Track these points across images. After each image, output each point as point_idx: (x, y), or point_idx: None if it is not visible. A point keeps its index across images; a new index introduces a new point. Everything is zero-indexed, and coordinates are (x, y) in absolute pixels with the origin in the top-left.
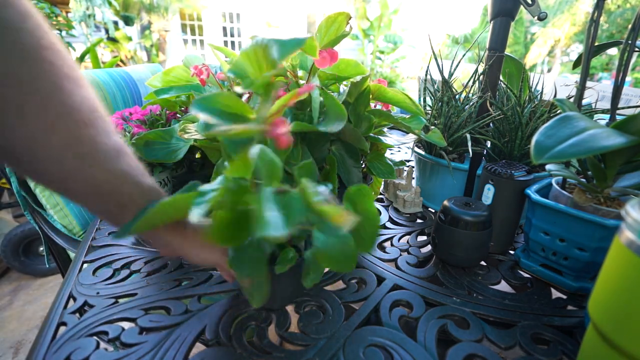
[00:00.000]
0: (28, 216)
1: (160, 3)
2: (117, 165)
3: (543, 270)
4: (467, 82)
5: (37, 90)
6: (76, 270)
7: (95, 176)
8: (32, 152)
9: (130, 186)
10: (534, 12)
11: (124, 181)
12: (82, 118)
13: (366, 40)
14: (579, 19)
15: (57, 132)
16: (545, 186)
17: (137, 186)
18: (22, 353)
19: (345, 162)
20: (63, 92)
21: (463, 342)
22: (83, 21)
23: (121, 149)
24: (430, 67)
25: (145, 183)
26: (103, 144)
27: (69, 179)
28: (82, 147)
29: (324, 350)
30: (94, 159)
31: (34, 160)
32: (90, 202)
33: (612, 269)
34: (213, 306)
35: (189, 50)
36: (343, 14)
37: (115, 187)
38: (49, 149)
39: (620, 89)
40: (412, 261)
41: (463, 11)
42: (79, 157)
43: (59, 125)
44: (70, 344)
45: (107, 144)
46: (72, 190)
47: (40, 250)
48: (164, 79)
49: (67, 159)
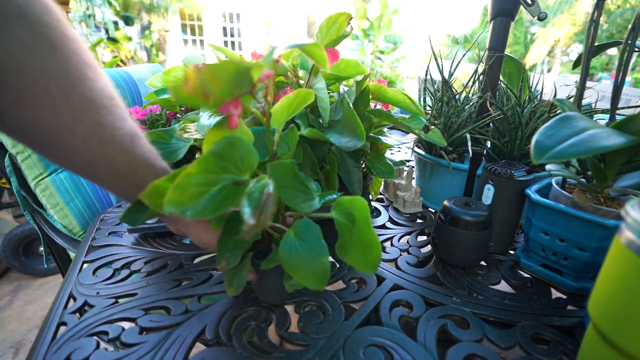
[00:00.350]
0: (28, 216)
1: (160, 3)
2: (133, 148)
3: (543, 270)
4: (467, 82)
5: (67, 80)
6: (76, 270)
7: (114, 159)
8: (61, 139)
9: (145, 168)
10: (533, 12)
11: (140, 164)
12: (104, 105)
13: (366, 40)
14: (579, 19)
15: (83, 119)
16: (545, 186)
17: (151, 168)
18: (22, 353)
19: (345, 161)
20: (87, 80)
21: (463, 342)
22: (83, 21)
23: (136, 134)
24: (430, 67)
25: (158, 165)
26: (120, 129)
27: (94, 163)
28: (104, 132)
29: (324, 350)
30: (114, 143)
31: (62, 147)
32: (113, 185)
33: (612, 269)
34: (213, 306)
35: (189, 50)
36: (344, 15)
37: (132, 169)
38: (75, 136)
39: (620, 89)
40: (412, 261)
41: (463, 11)
42: (101, 143)
43: (84, 112)
44: (70, 344)
45: (124, 128)
46: (97, 175)
47: (40, 250)
48: (164, 79)
49: (92, 145)
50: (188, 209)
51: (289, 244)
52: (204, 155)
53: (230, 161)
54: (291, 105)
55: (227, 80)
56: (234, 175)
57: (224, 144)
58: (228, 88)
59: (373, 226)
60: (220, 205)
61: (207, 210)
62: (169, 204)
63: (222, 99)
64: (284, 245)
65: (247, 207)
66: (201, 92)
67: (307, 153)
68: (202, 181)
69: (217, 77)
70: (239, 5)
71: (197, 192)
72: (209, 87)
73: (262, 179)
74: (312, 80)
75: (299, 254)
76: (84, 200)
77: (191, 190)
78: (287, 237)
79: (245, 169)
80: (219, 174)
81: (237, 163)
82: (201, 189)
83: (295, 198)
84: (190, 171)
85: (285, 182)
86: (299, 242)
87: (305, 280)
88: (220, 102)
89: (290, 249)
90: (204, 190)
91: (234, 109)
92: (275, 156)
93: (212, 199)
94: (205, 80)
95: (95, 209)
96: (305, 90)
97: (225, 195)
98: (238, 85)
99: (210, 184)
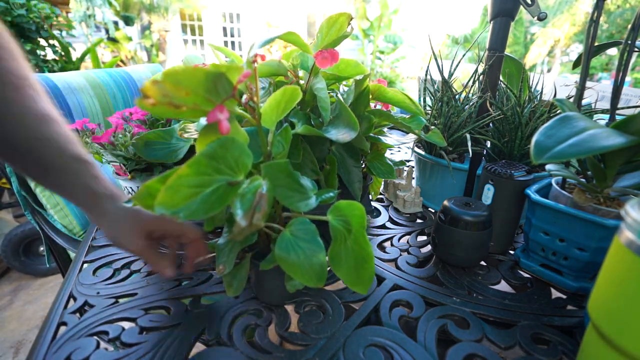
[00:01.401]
0: (28, 216)
1: (161, 3)
2: (39, 127)
3: (543, 270)
4: (467, 82)
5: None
6: (76, 270)
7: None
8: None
9: (52, 150)
10: (533, 12)
11: (45, 144)
12: (11, 82)
13: (366, 40)
14: (579, 19)
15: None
16: (545, 186)
17: (59, 150)
18: (22, 353)
19: (345, 161)
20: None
21: (463, 342)
22: (83, 21)
23: (48, 115)
24: (430, 67)
25: (70, 150)
26: (28, 108)
27: (7, 138)
28: (4, 106)
29: (324, 350)
30: (16, 119)
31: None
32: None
33: (612, 269)
34: (213, 306)
35: (189, 51)
36: (344, 15)
37: (35, 147)
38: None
39: (620, 89)
40: (412, 261)
41: (463, 11)
42: (9, 119)
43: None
44: (70, 344)
45: (33, 107)
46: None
47: (41, 250)
48: None
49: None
50: (180, 210)
51: (285, 243)
52: (195, 157)
53: (223, 162)
54: (279, 104)
55: (197, 88)
56: (228, 176)
57: (216, 145)
58: (201, 95)
59: (373, 226)
60: (214, 206)
61: (200, 211)
62: (160, 205)
63: (198, 107)
64: (280, 245)
65: (239, 208)
66: (167, 103)
67: (307, 153)
68: (195, 182)
69: (183, 87)
70: (239, 5)
71: (189, 193)
72: (175, 98)
73: (256, 180)
74: (312, 80)
75: (295, 253)
76: None
77: (183, 191)
78: (283, 237)
79: (240, 170)
80: (212, 175)
81: (231, 164)
82: (194, 190)
83: (291, 198)
84: (181, 173)
85: (280, 182)
86: (295, 241)
87: (302, 278)
88: (197, 110)
89: (287, 248)
90: (196, 191)
91: (220, 114)
92: (270, 156)
93: (205, 200)
94: (169, 91)
95: None
96: (291, 87)
97: (219, 196)
98: (213, 91)
99: (203, 185)
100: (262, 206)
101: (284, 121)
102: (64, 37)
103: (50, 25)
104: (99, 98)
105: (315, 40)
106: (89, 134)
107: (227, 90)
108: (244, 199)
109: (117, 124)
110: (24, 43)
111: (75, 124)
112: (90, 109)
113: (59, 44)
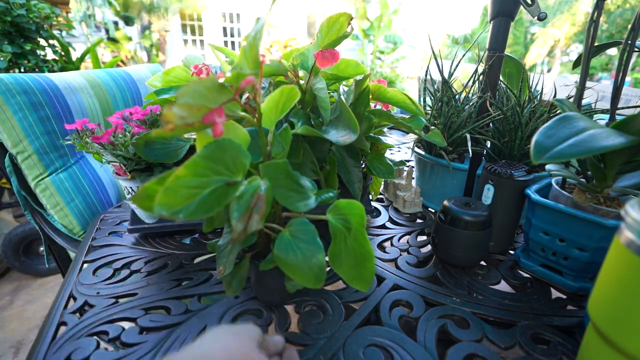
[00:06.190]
0: (28, 216)
1: (161, 3)
2: None
3: (543, 270)
4: (467, 82)
5: None
6: (76, 270)
7: None
8: None
9: None
10: (533, 12)
11: None
12: None
13: (366, 41)
14: (579, 19)
15: None
16: (545, 186)
17: None
18: (22, 353)
19: (345, 161)
20: None
21: (463, 342)
22: (83, 21)
23: None
24: (430, 67)
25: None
26: None
27: None
28: None
29: (324, 350)
30: None
31: None
32: None
33: (611, 269)
34: (213, 306)
35: (189, 51)
36: (344, 15)
37: None
38: None
39: (620, 89)
40: (412, 261)
41: (463, 11)
42: None
43: None
44: (70, 344)
45: None
46: None
47: (41, 250)
48: (164, 79)
49: None
50: (180, 211)
51: (285, 243)
52: (192, 158)
53: (221, 163)
54: (278, 103)
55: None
56: (226, 177)
57: (214, 146)
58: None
59: (373, 226)
60: (212, 206)
61: (199, 212)
62: (159, 206)
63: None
64: (279, 245)
65: (235, 211)
66: (184, 125)
67: (307, 153)
68: (193, 184)
69: (194, 105)
70: (239, 5)
71: (188, 194)
72: (190, 117)
73: (254, 180)
74: (312, 80)
75: (294, 253)
76: (84, 200)
77: (182, 192)
78: (282, 237)
79: (238, 170)
80: (210, 176)
81: (229, 164)
82: (192, 191)
83: (290, 198)
84: (179, 174)
85: (279, 182)
86: (294, 241)
87: (301, 278)
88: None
89: (286, 249)
90: (195, 192)
91: (218, 117)
92: (270, 156)
93: (204, 200)
94: (184, 112)
95: (95, 209)
96: (289, 87)
97: (218, 197)
98: (219, 100)
99: (202, 186)
100: (260, 207)
101: (284, 121)
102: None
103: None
104: (99, 98)
105: (316, 40)
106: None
107: (230, 95)
108: (241, 202)
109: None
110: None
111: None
112: (90, 109)
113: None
